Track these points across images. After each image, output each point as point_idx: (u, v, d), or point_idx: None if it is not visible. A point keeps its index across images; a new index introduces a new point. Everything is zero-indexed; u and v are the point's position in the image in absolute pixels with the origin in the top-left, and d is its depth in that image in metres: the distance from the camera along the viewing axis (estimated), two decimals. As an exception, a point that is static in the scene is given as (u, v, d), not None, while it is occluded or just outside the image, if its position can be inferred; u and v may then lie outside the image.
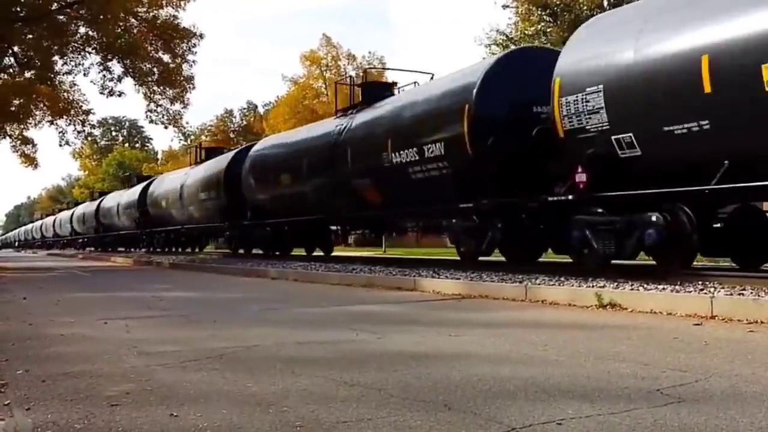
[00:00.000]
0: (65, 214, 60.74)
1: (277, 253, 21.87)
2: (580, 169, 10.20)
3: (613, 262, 10.32)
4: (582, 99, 10.06)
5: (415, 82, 16.69)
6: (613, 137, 9.70)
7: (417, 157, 13.54)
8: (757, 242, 9.98)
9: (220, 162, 24.91)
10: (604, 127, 9.78)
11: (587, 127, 10.01)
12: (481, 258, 13.33)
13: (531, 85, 11.59)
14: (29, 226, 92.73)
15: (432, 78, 16.51)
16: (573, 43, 11.02)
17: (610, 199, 9.95)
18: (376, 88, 17.92)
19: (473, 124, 12.11)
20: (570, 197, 10.48)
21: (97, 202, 41.31)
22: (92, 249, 47.83)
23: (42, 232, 74.49)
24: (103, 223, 42.48)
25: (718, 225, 10.13)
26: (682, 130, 8.79)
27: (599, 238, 10.02)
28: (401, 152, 14.04)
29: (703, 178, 8.67)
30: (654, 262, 10.84)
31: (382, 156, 14.61)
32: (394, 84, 18.37)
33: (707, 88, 8.44)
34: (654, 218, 9.24)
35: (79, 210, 53.28)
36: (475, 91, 12.20)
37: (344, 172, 16.41)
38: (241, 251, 24.60)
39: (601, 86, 9.82)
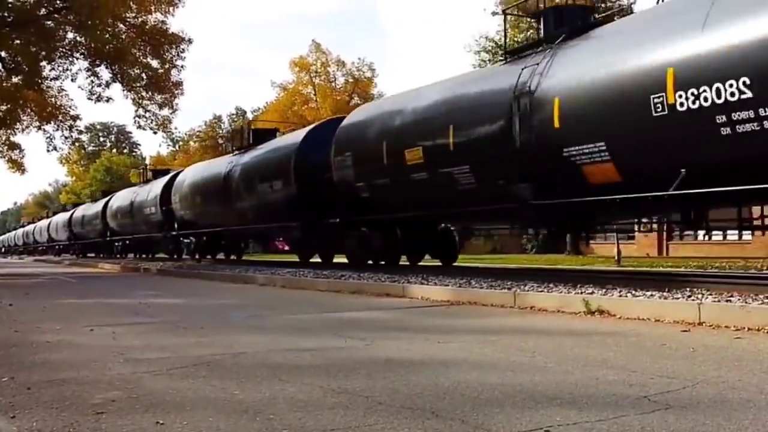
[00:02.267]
0: (49, 221, 60.86)
1: (197, 256, 27.81)
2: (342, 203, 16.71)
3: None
4: (342, 159, 16.20)
5: (280, 132, 23.37)
6: (357, 184, 15.66)
7: (270, 189, 19.70)
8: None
9: (159, 183, 31.08)
10: (351, 178, 15.82)
11: (345, 178, 16.09)
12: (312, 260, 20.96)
13: (327, 145, 17.08)
14: (16, 232, 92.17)
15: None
16: (342, 124, 17.09)
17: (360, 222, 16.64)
18: (262, 132, 24.15)
19: (296, 168, 18.28)
20: (338, 220, 17.14)
21: (162, 181, 38.85)
22: (69, 254, 48.99)
23: (29, 238, 74.14)
24: (181, 217, 42.13)
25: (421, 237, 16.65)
26: (384, 182, 14.72)
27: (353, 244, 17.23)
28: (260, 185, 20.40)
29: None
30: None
31: (257, 188, 20.68)
32: (277, 129, 25.10)
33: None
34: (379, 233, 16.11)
35: (122, 197, 51.73)
36: (296, 148, 18.61)
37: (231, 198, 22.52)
38: (175, 256, 31.10)
39: (350, 152, 15.91)
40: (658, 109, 8.93)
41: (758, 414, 3.41)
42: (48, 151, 30.87)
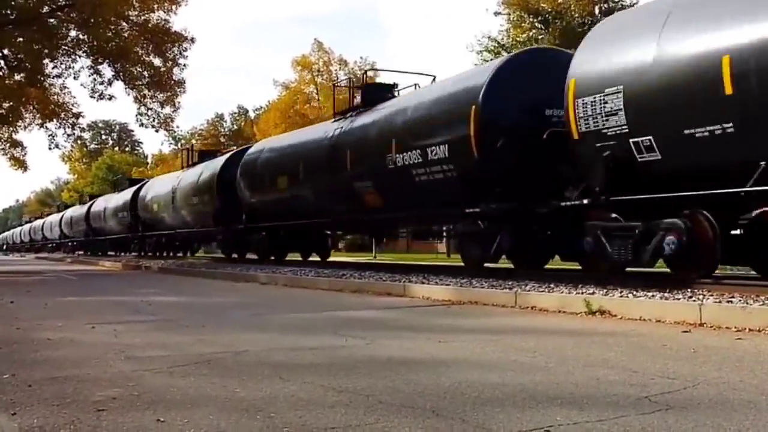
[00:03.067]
0: (54, 218, 60.48)
1: (272, 258, 21.52)
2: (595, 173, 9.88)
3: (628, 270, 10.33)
4: (599, 100, 9.70)
5: (415, 85, 16.43)
6: (631, 140, 9.36)
7: (420, 160, 13.21)
8: None
9: (214, 164, 24.41)
10: (622, 130, 9.43)
11: (604, 130, 9.65)
12: (487, 265, 12.87)
13: (542, 87, 11.44)
14: (17, 229, 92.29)
15: (434, 80, 16.26)
16: (588, 42, 10.58)
17: (630, 203, 9.55)
18: (376, 91, 17.33)
19: (481, 126, 11.84)
20: (585, 201, 10.13)
21: (131, 191, 38.81)
22: (81, 252, 47.47)
23: (30, 236, 74.21)
24: (93, 227, 41.67)
25: (738, 232, 9.54)
26: (704, 134, 8.49)
27: (614, 244, 9.65)
28: (405, 154, 13.70)
29: (732, 182, 8.31)
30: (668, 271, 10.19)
31: (386, 158, 14.20)
32: (395, 86, 17.37)
33: (728, 90, 8.16)
34: (676, 224, 8.83)
35: (68, 213, 52.70)
36: (482, 92, 11.92)
37: (343, 176, 16.04)
38: (235, 256, 24.12)
39: (620, 87, 9.44)
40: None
41: (759, 415, 3.41)
42: (50, 148, 30.91)
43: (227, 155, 24.64)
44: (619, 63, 9.63)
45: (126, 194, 35.92)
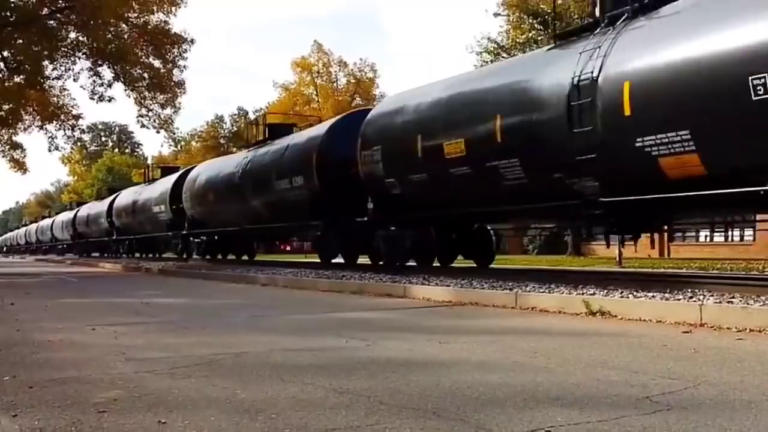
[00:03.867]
0: (66, 216, 60.72)
1: (208, 258, 26.71)
2: (370, 200, 15.21)
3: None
4: (371, 154, 14.79)
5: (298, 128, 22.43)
6: (386, 180, 14.37)
7: (289, 186, 18.49)
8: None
9: (169, 180, 29.79)
10: (381, 173, 14.46)
11: (374, 173, 14.68)
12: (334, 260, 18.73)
13: (353, 141, 15.72)
14: (17, 231, 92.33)
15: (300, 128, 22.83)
16: (373, 110, 16.05)
17: (387, 219, 15.11)
18: (278, 128, 22.65)
19: (320, 165, 17.16)
20: (365, 219, 15.47)
21: (108, 200, 41.63)
22: (72, 254, 48.45)
23: (31, 237, 74.25)
24: (117, 225, 42.22)
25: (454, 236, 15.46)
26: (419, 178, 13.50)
27: (388, 247, 15.41)
28: (281, 181, 18.93)
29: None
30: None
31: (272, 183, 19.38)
32: (294, 125, 23.53)
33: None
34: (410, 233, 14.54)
35: (84, 210, 53.12)
36: (320, 141, 17.53)
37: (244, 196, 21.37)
38: (185, 256, 29.13)
39: (379, 146, 14.62)
40: (759, 92, 7.79)
41: (760, 415, 3.41)
42: (50, 150, 30.84)
43: (178, 174, 30.01)
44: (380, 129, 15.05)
45: (105, 203, 41.19)
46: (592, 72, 9.84)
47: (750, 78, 7.84)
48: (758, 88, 7.78)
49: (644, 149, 9.08)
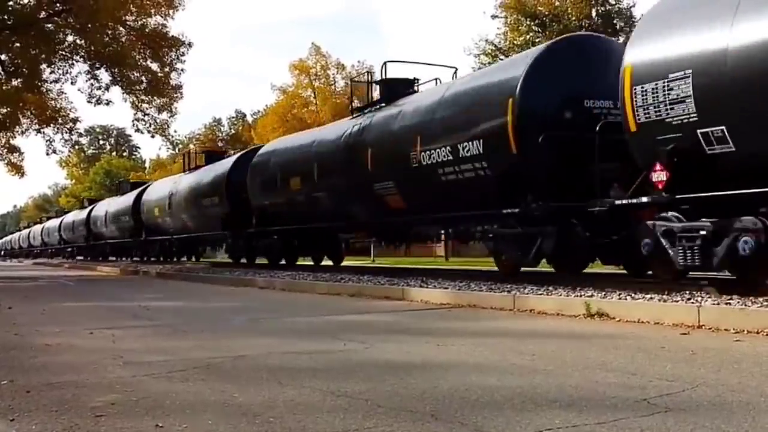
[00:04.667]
0: (52, 223, 60.62)
1: (283, 263, 20.97)
2: (658, 167, 8.85)
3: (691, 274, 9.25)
4: (663, 87, 8.66)
5: (436, 79, 15.57)
6: (699, 131, 8.36)
7: (450, 157, 12.23)
8: None
9: (223, 166, 24.14)
10: (691, 119, 8.40)
11: (667, 120, 8.67)
12: (525, 269, 12.25)
13: (582, 76, 10.92)
14: (15, 235, 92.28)
15: (455, 73, 15.61)
16: (647, 25, 9.71)
17: (698, 200, 8.54)
18: (396, 85, 16.11)
19: (519, 119, 10.89)
20: (644, 199, 9.13)
21: (87, 209, 43.62)
22: (81, 258, 47.47)
23: (29, 241, 74.19)
24: (94, 232, 42.21)
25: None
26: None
27: (678, 246, 8.62)
28: (432, 152, 12.72)
29: None
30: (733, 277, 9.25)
31: (410, 156, 13.24)
32: (416, 80, 16.33)
33: None
34: (752, 223, 7.79)
35: (68, 218, 53.29)
36: (520, 82, 11.02)
37: (364, 176, 14.94)
38: (244, 261, 23.29)
39: (689, 71, 8.40)
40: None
41: (758, 417, 3.41)
42: (47, 154, 30.77)
43: (235, 156, 24.40)
44: (688, 46, 8.57)
45: (128, 198, 35.32)
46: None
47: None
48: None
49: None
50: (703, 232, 8.31)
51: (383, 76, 16.53)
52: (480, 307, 9.17)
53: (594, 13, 34.27)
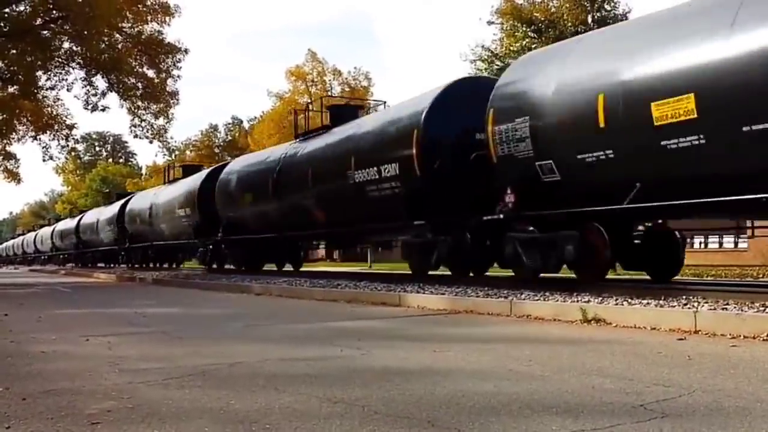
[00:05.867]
0: (45, 231, 61.14)
1: (244, 268, 22.71)
2: (509, 191, 11.40)
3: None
4: (512, 128, 11.26)
5: (384, 103, 18.79)
6: (536, 163, 10.91)
7: (376, 176, 14.70)
8: (666, 258, 11.51)
9: (194, 180, 26.40)
10: (530, 154, 10.98)
11: (515, 154, 11.21)
12: (430, 272, 14.48)
13: (473, 113, 12.52)
14: (11, 242, 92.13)
15: (384, 105, 19.04)
16: (504, 77, 12.33)
17: (534, 217, 11.27)
18: (342, 110, 19.64)
19: (422, 147, 13.43)
20: (500, 216, 11.61)
21: (77, 218, 46.32)
22: (73, 265, 47.82)
23: (23, 248, 74.11)
24: (83, 240, 44.85)
25: (637, 242, 11.58)
26: (591, 159, 10.04)
27: (528, 252, 11.35)
28: (361, 171, 15.20)
29: (616, 200, 9.74)
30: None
31: (347, 174, 15.56)
32: (361, 107, 20.27)
33: (602, 123, 9.78)
34: (570, 235, 10.61)
35: (59, 226, 54.94)
36: (423, 117, 13.53)
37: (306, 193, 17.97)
38: (214, 266, 25.20)
39: (527, 117, 11.03)
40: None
41: (754, 422, 3.41)
42: (44, 160, 30.81)
43: (206, 171, 26.50)
44: (526, 97, 11.28)
45: (114, 207, 38.41)
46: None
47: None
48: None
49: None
50: (541, 241, 11.08)
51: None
52: (477, 313, 9.17)
53: (590, 19, 34.39)
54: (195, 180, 26.24)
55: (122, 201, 36.22)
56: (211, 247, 24.60)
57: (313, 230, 18.75)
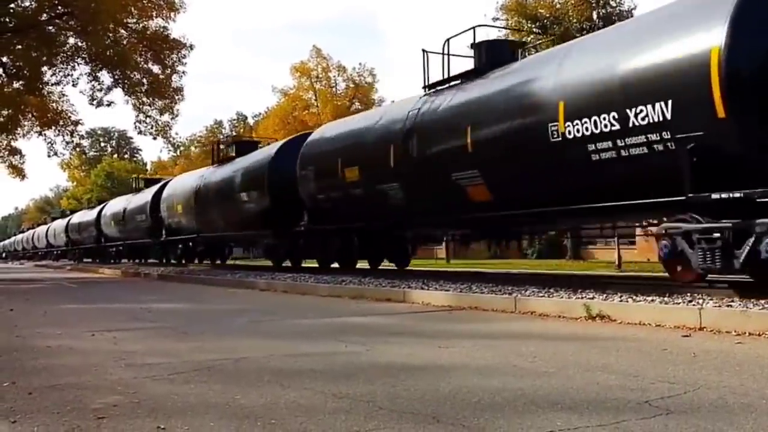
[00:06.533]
0: (59, 224, 60.38)
1: (338, 266, 18.48)
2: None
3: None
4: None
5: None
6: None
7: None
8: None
9: (263, 155, 21.19)
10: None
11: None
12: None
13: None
14: (18, 236, 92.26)
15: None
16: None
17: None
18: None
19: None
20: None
21: (97, 209, 41.38)
22: (89, 261, 46.53)
23: (32, 243, 74.14)
24: (104, 233, 39.73)
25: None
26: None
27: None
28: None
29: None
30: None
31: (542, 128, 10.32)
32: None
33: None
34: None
35: (75, 218, 52.00)
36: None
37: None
38: (287, 264, 21.31)
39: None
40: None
41: (759, 419, 3.41)
42: (49, 156, 30.76)
43: (279, 144, 21.36)
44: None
45: (146, 195, 32.75)
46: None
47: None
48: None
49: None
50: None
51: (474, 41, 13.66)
52: (481, 310, 9.17)
53: (595, 15, 34.26)
54: (264, 155, 20.87)
55: (156, 187, 31.77)
56: (286, 239, 20.00)
57: (469, 214, 12.56)
